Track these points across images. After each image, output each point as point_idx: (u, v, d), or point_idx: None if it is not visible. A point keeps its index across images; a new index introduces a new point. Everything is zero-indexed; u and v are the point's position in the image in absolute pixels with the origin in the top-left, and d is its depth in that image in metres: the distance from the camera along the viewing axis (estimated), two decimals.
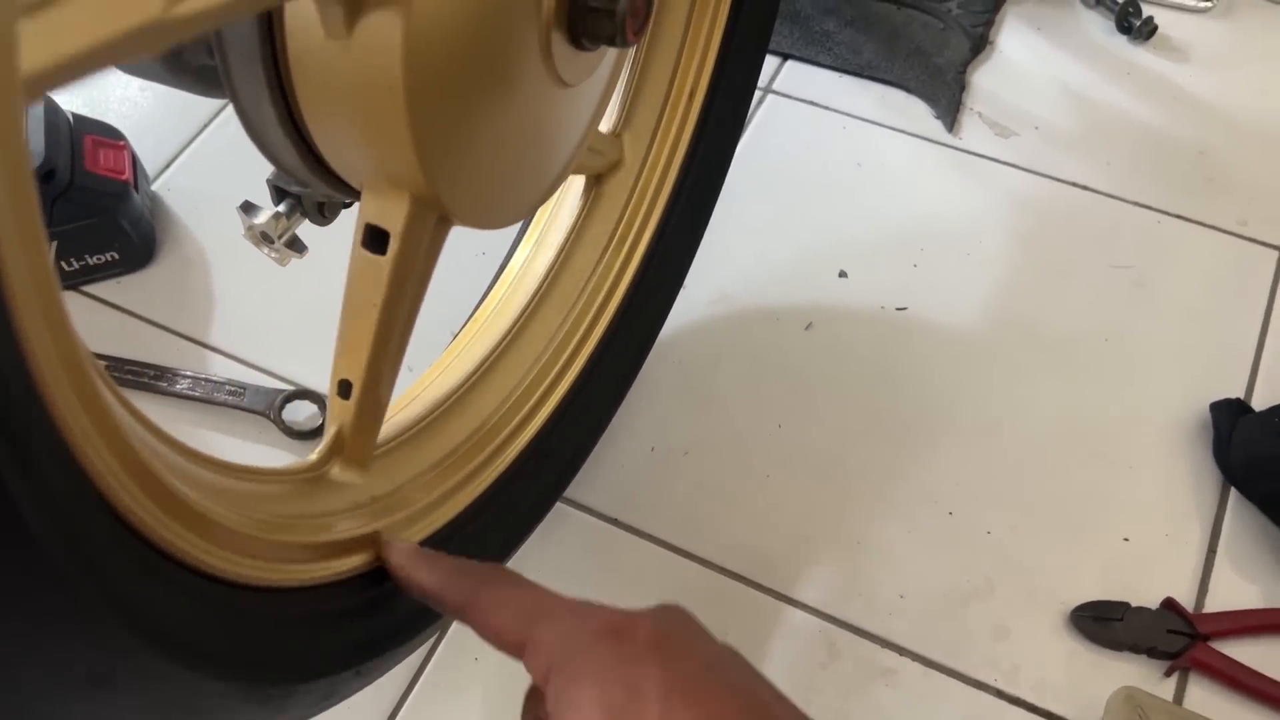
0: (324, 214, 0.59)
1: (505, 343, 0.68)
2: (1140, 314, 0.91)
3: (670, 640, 0.38)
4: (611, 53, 0.53)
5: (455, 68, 0.43)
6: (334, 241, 0.57)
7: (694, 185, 0.76)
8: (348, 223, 0.53)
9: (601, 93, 0.54)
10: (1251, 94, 1.07)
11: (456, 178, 0.47)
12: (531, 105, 0.49)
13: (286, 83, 0.44)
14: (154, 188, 0.97)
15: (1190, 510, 0.81)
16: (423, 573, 0.47)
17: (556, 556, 0.78)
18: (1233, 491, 0.81)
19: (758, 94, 1.06)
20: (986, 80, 1.08)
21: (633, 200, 0.70)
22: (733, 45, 0.74)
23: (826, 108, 1.06)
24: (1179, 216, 0.97)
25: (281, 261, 0.60)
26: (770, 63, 1.09)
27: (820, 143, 1.03)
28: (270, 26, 0.42)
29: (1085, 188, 1.00)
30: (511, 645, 0.41)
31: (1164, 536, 0.79)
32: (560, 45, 0.48)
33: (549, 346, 0.67)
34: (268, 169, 0.57)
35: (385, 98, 0.41)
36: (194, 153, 1.01)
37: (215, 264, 0.93)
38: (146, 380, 0.85)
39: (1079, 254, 0.95)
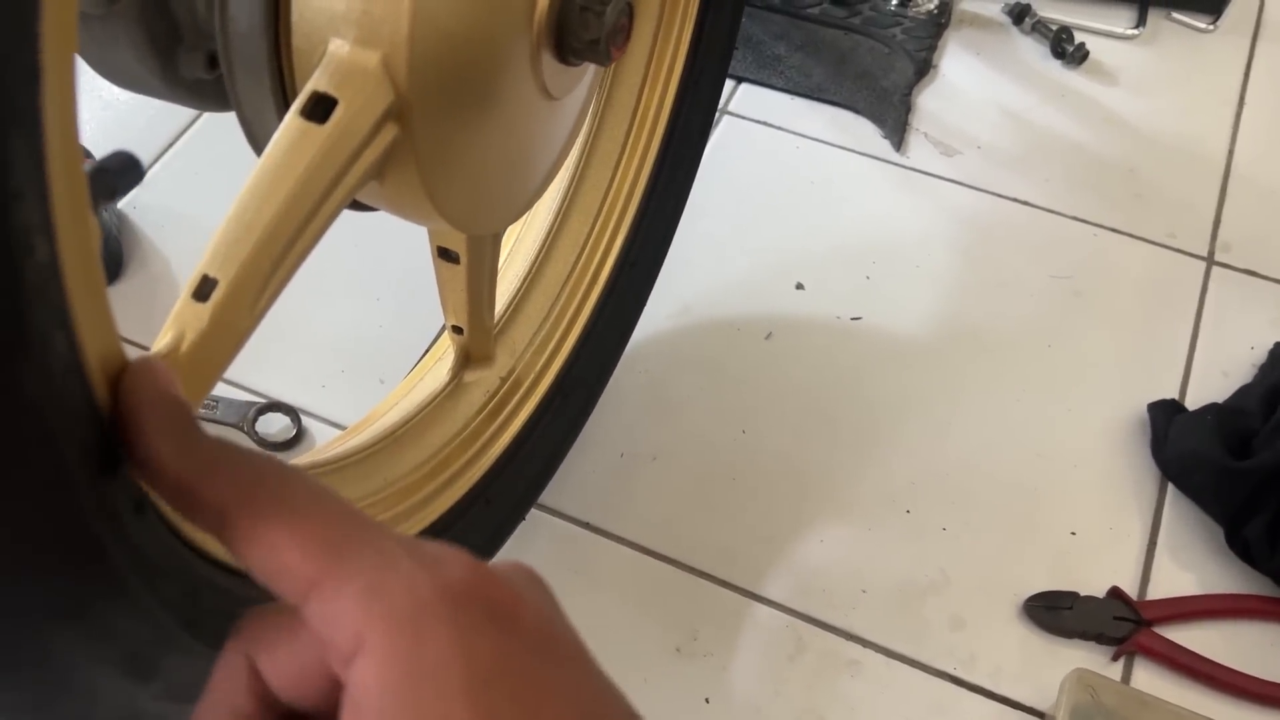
0: None
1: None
2: (1079, 321, 0.96)
3: (559, 636, 0.27)
4: (592, 70, 0.56)
5: (453, 65, 0.45)
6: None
7: (654, 216, 0.78)
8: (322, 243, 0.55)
9: (580, 110, 0.57)
10: (1176, 115, 1.13)
11: (447, 178, 0.49)
12: (518, 113, 0.51)
13: (290, 89, 0.46)
14: (120, 205, 0.98)
15: (1131, 505, 0.85)
16: (165, 437, 0.28)
17: (529, 561, 0.80)
18: (1170, 486, 0.86)
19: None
20: (931, 102, 1.13)
21: (596, 227, 0.72)
22: (694, 72, 0.77)
23: (779, 128, 1.10)
24: (1112, 229, 1.03)
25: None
26: (725, 85, 1.13)
27: (774, 161, 1.07)
28: (276, 31, 0.45)
29: (1025, 203, 1.05)
30: (291, 584, 0.26)
31: (1108, 530, 0.84)
32: (548, 58, 0.51)
33: (519, 362, 0.69)
34: (231, 187, 0.59)
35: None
36: (159, 171, 1.02)
37: (183, 280, 0.94)
38: None
39: (1020, 265, 1.00)
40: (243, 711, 0.27)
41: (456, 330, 0.61)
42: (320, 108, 0.43)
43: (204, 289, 0.41)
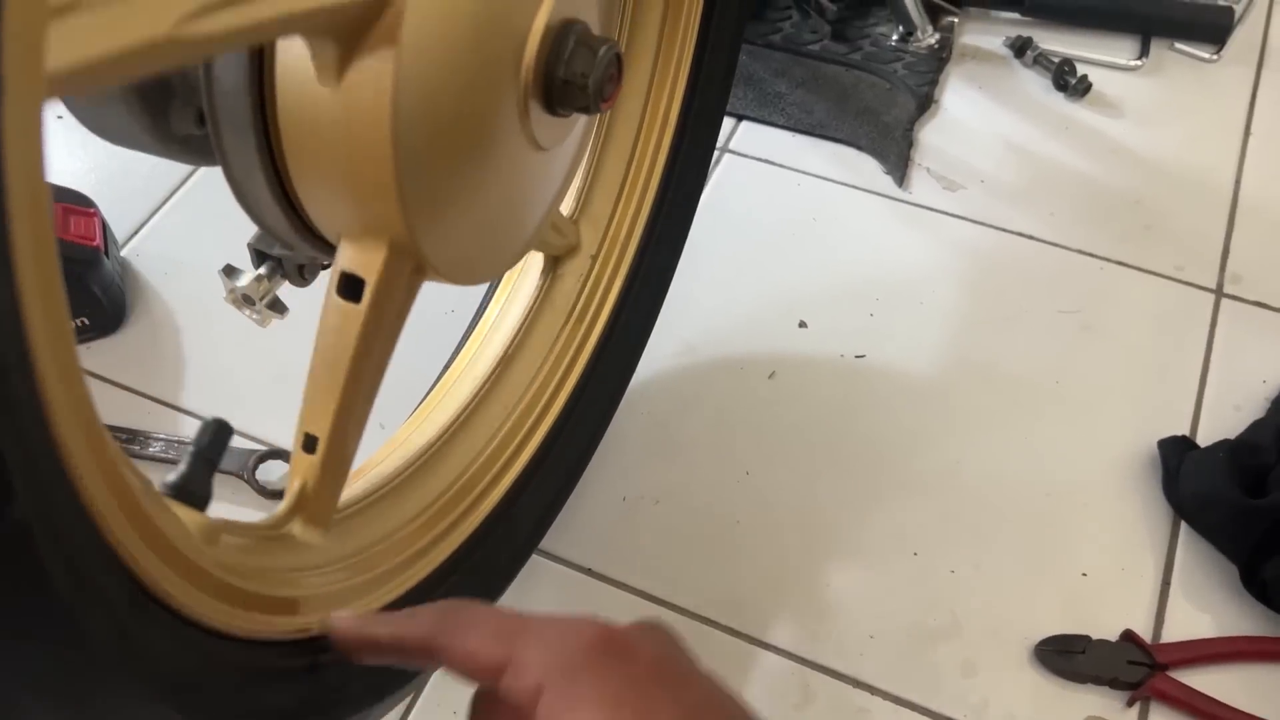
0: (304, 275, 0.61)
1: (473, 405, 0.69)
2: (1088, 356, 0.95)
3: (672, 666, 0.38)
4: (582, 120, 0.56)
5: (440, 119, 0.45)
6: (305, 302, 0.59)
7: (650, 267, 0.78)
8: (318, 284, 0.55)
9: (572, 159, 0.56)
10: (1181, 146, 1.13)
11: (435, 227, 0.48)
12: (507, 164, 0.51)
13: (275, 145, 0.46)
14: (124, 253, 0.98)
15: (1144, 544, 0.84)
16: (375, 627, 0.44)
17: (532, 609, 0.78)
18: (1183, 524, 0.84)
19: (715, 153, 1.10)
20: (933, 137, 1.13)
21: (589, 281, 0.72)
22: (693, 109, 0.77)
23: (781, 165, 1.10)
24: (1120, 263, 1.02)
25: (262, 323, 0.62)
26: (725, 123, 1.13)
27: (776, 199, 1.07)
28: (260, 89, 0.45)
29: (1030, 237, 1.04)
30: (488, 669, 0.39)
31: (1120, 570, 0.82)
32: (536, 109, 0.51)
33: (518, 406, 0.68)
34: (233, 234, 0.59)
35: (373, 143, 0.43)
36: (162, 219, 1.02)
37: (185, 327, 0.94)
38: (120, 444, 0.85)
39: (1027, 300, 0.99)
40: None
41: (307, 445, 0.57)
42: (352, 289, 0.49)
43: (309, 443, 0.52)
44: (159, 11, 0.32)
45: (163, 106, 0.53)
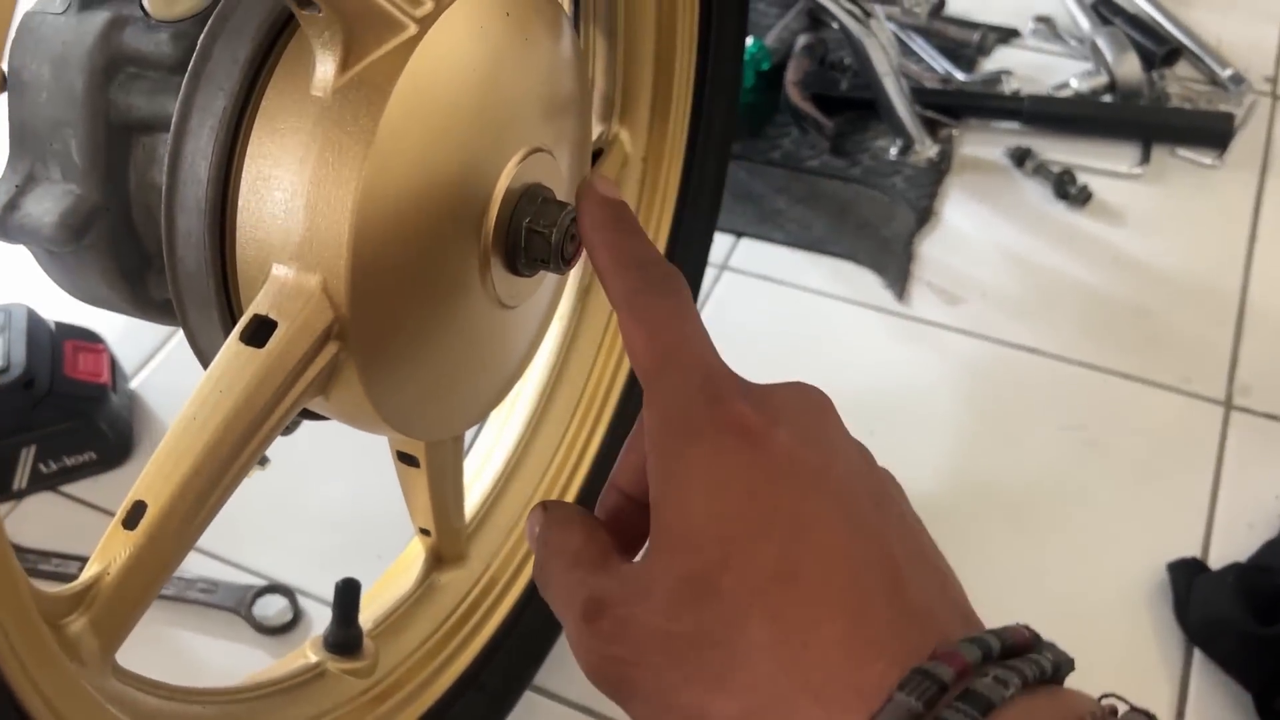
0: (287, 428, 0.62)
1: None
2: (1094, 473, 0.93)
3: (805, 464, 0.32)
4: (551, 277, 0.57)
5: (396, 283, 0.46)
6: (294, 445, 0.60)
7: (638, 406, 0.78)
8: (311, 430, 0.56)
9: (543, 312, 0.57)
10: (1185, 254, 1.12)
11: (393, 389, 0.49)
12: (469, 325, 0.52)
13: (237, 316, 0.47)
14: (133, 386, 1.00)
15: (1158, 671, 0.81)
16: (601, 247, 0.39)
17: None
18: (1196, 650, 0.81)
19: (714, 270, 1.11)
20: (933, 249, 1.13)
21: (576, 417, 0.72)
22: (681, 234, 0.78)
23: (780, 282, 1.11)
24: (1125, 375, 1.01)
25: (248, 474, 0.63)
26: (725, 240, 1.14)
27: (777, 316, 1.07)
28: (222, 268, 0.46)
29: (1033, 350, 1.04)
30: (638, 370, 0.36)
31: (1133, 698, 0.79)
32: (499, 271, 0.52)
33: (494, 559, 0.68)
34: None
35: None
36: (171, 352, 1.04)
37: None
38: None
39: (1031, 416, 0.98)
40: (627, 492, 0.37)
41: (424, 533, 0.61)
42: (261, 332, 0.44)
43: (134, 515, 0.41)
44: None
45: (140, 275, 0.55)
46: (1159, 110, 1.26)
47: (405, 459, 0.56)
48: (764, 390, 0.34)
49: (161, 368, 1.03)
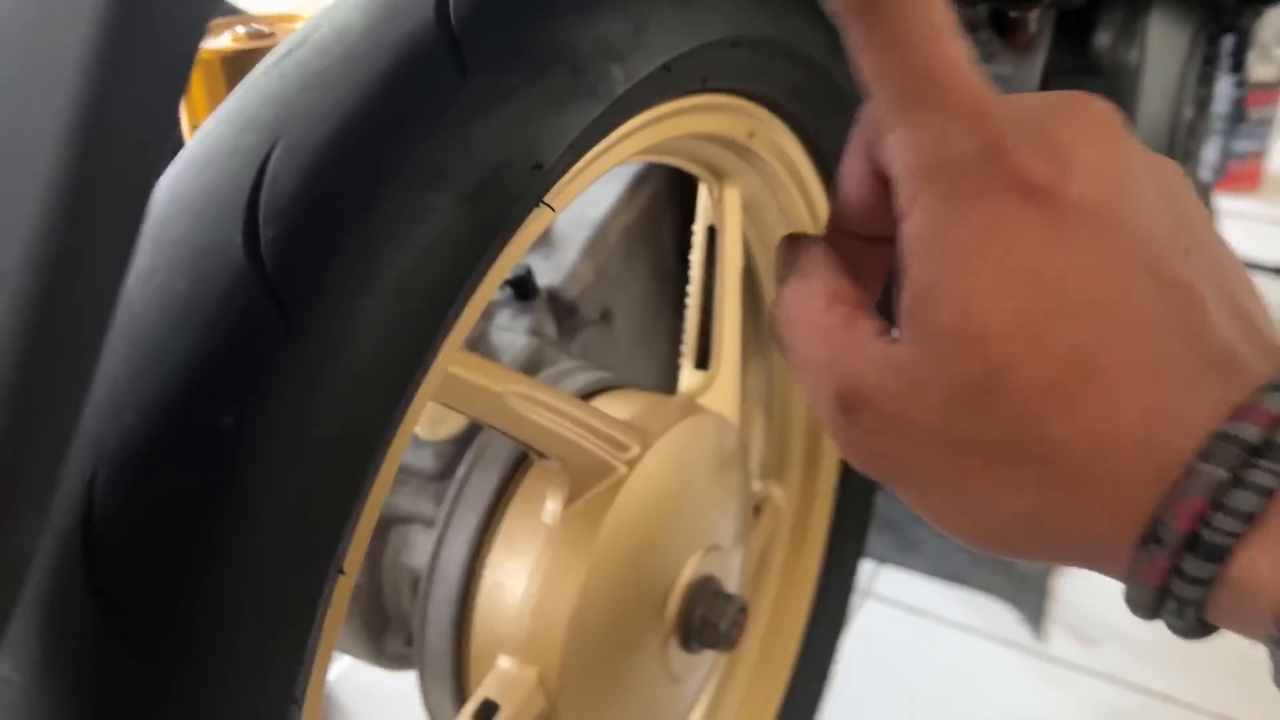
0: None
1: None
2: None
3: (1101, 223, 0.27)
4: (709, 654, 0.66)
5: (596, 669, 0.56)
6: None
7: None
8: None
9: (700, 684, 0.67)
10: None
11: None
12: (647, 696, 0.61)
13: (465, 692, 0.58)
14: (331, 677, 1.12)
15: None
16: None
17: None
18: None
19: (859, 597, 1.18)
20: (1069, 587, 1.18)
21: None
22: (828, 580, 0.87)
23: (923, 613, 1.17)
24: None
25: None
26: (867, 566, 1.22)
27: (914, 650, 1.13)
28: (460, 652, 0.57)
29: (1170, 698, 1.05)
30: (881, 104, 0.29)
31: None
32: (674, 649, 0.62)
33: None
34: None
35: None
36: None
37: None
38: None
39: None
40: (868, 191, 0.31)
41: None
42: (486, 712, 0.54)
43: None
44: None
45: (381, 633, 0.67)
46: None
47: None
48: (1045, 121, 0.28)
49: (356, 663, 1.15)
